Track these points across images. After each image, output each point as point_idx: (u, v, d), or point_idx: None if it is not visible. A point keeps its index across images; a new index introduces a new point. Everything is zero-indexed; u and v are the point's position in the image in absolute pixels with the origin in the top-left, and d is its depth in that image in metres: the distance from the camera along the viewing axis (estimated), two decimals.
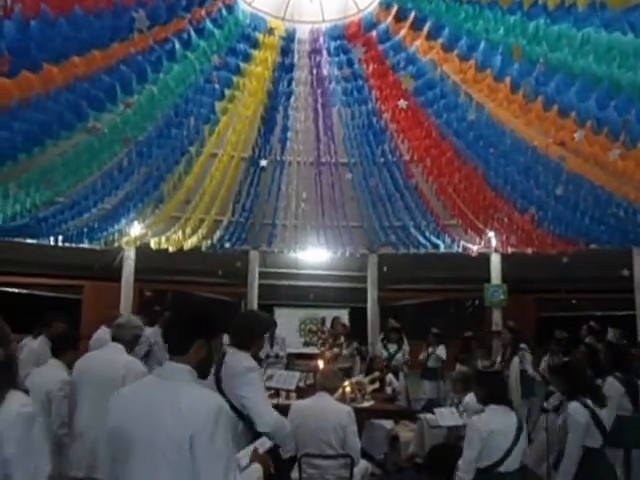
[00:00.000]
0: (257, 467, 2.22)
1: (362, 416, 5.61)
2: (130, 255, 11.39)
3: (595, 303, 13.69)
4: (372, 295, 12.91)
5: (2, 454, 2.09)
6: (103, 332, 6.25)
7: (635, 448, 4.45)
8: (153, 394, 1.96)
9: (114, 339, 3.97)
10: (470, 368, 7.41)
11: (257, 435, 2.98)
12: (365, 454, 6.07)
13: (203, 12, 6.30)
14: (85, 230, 9.26)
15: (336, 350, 7.46)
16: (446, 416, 4.91)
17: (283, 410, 4.32)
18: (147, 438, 1.87)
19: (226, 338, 3.31)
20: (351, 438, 4.27)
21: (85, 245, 10.37)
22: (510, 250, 11.11)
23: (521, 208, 8.69)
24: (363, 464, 4.61)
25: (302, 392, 5.50)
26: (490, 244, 10.94)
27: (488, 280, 11.90)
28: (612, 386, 4.48)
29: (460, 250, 11.28)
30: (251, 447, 2.40)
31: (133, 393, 2.05)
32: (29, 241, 9.86)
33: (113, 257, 12.52)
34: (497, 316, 11.74)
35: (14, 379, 2.30)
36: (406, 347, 9.28)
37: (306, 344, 8.37)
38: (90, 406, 3.59)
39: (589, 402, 3.64)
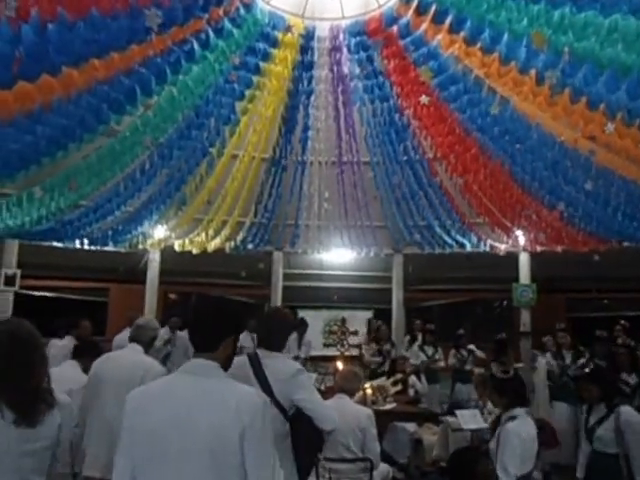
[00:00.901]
0: None
1: (384, 419, 5.50)
2: (155, 257, 11.48)
3: (628, 303, 13.23)
4: (397, 296, 12.75)
5: None
6: (127, 333, 6.30)
7: None
8: (189, 390, 1.89)
9: (133, 340, 3.95)
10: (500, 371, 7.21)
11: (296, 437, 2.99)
12: (388, 458, 5.97)
13: (221, 12, 6.28)
14: (109, 233, 9.35)
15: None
16: (468, 419, 4.75)
17: None
18: (188, 435, 1.80)
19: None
20: (371, 441, 4.17)
21: (110, 248, 10.49)
22: (539, 249, 10.81)
23: (549, 205, 8.43)
24: (384, 468, 4.51)
25: (322, 394, 5.40)
26: (518, 242, 10.67)
27: (516, 280, 11.63)
28: None
29: (487, 249, 11.03)
30: None
31: (161, 391, 1.96)
32: (56, 244, 10.01)
33: (138, 260, 12.65)
34: (526, 316, 11.46)
35: None
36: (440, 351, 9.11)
37: (326, 346, 8.25)
38: (108, 406, 3.56)
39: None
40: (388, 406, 5.71)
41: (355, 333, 6.15)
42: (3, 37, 4.42)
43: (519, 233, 10.33)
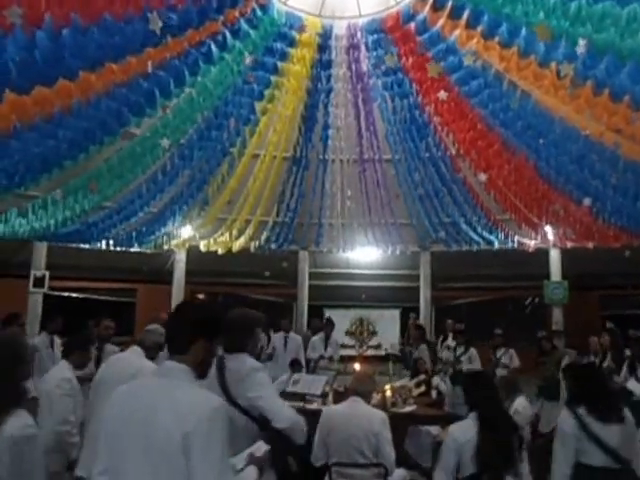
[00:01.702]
0: (252, 469, 2.21)
1: (404, 422, 5.41)
2: (181, 258, 11.63)
3: None
4: (425, 294, 12.62)
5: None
6: None
7: None
8: (150, 392, 1.95)
9: (137, 343, 3.97)
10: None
11: (270, 437, 2.96)
12: (411, 461, 5.87)
13: (237, 13, 6.28)
14: (134, 234, 9.49)
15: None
16: None
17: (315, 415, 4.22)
18: (142, 436, 1.85)
19: None
20: (384, 446, 4.07)
21: (137, 249, 10.67)
22: (570, 245, 10.52)
23: (577, 200, 8.18)
24: (400, 473, 4.41)
25: (340, 396, 5.35)
26: (547, 239, 10.40)
27: (547, 277, 11.35)
28: None
29: (515, 246, 10.80)
30: (247, 451, 2.36)
31: (131, 391, 2.03)
32: (83, 246, 10.22)
33: (165, 260, 12.82)
34: (558, 314, 11.19)
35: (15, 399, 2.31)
36: (473, 352, 8.87)
37: (343, 346, 8.18)
38: (101, 408, 3.60)
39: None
40: (408, 408, 5.60)
41: (374, 333, 6.05)
42: (18, 43, 4.52)
43: (548, 229, 10.07)
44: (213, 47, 6.36)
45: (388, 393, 5.60)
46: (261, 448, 2.33)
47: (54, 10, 4.30)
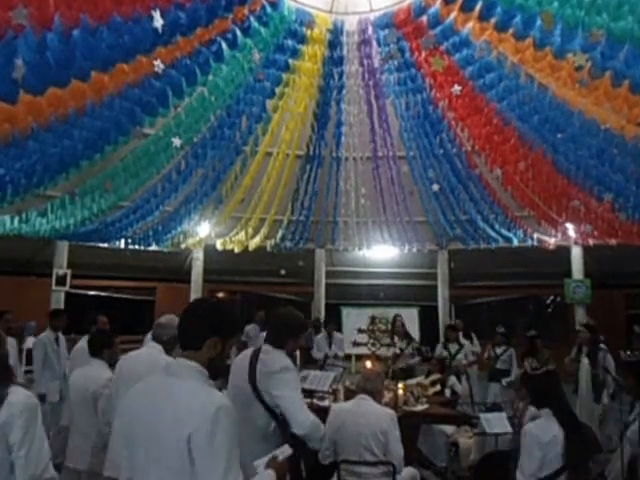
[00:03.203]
0: (270, 474, 2.13)
1: (415, 420, 5.34)
2: (199, 256, 11.70)
3: None
4: (443, 293, 12.47)
5: (10, 440, 2.37)
6: None
7: None
8: (157, 391, 1.94)
9: (153, 338, 3.97)
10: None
11: (292, 436, 2.94)
12: (426, 461, 5.80)
13: (246, 10, 6.27)
14: (151, 233, 9.57)
15: (396, 350, 7.17)
16: (493, 422, 4.53)
17: (326, 412, 4.18)
18: (149, 435, 1.85)
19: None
20: (393, 444, 4.03)
21: (155, 248, 10.77)
22: (592, 242, 10.27)
23: (598, 195, 7.97)
24: (409, 472, 4.36)
25: (352, 394, 5.30)
26: (568, 236, 10.18)
27: (569, 275, 11.11)
28: None
29: (535, 243, 10.59)
30: (270, 454, 2.30)
31: (141, 390, 2.03)
32: (103, 246, 10.36)
33: (183, 259, 12.93)
34: (581, 314, 10.93)
35: (10, 376, 2.60)
36: (475, 347, 8.83)
37: (355, 344, 8.12)
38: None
39: None
40: (420, 407, 5.53)
41: (385, 332, 5.99)
42: (30, 45, 4.57)
43: (569, 226, 9.85)
44: (224, 45, 6.37)
45: (400, 391, 5.54)
46: (285, 452, 2.25)
47: (63, 11, 4.33)
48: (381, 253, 12.42)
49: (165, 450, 1.80)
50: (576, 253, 11.00)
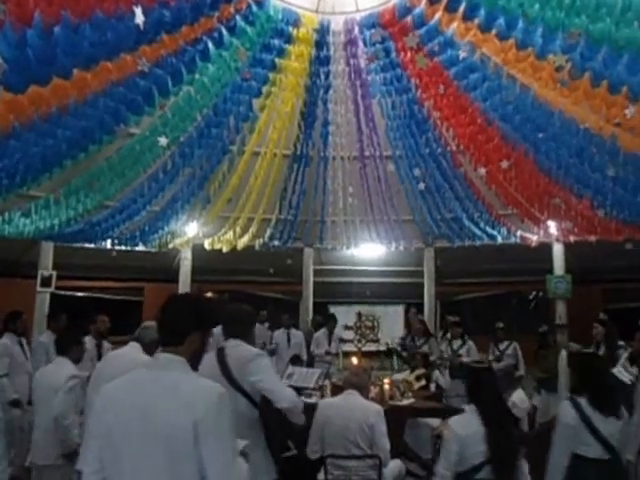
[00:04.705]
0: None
1: (401, 414, 5.43)
2: (187, 256, 11.67)
3: None
4: (429, 290, 12.61)
5: None
6: None
7: None
8: (150, 385, 1.94)
9: (136, 339, 4.01)
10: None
11: (267, 425, 3.09)
12: (410, 454, 5.88)
13: (232, 9, 6.29)
14: (137, 233, 9.54)
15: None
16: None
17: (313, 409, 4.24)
18: (145, 429, 1.85)
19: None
20: (379, 438, 4.12)
21: (142, 248, 10.72)
22: (573, 239, 10.46)
23: (578, 193, 8.12)
24: (395, 465, 4.44)
25: (338, 390, 5.37)
26: (550, 233, 10.36)
27: (551, 271, 11.30)
28: None
29: (518, 241, 10.76)
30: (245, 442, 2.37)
31: (125, 385, 2.03)
32: (90, 246, 10.28)
33: (171, 259, 12.89)
34: (561, 309, 11.12)
35: None
36: (471, 344, 8.89)
37: (342, 341, 8.19)
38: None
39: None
40: (405, 401, 5.62)
41: (372, 328, 6.04)
42: (9, 41, 4.54)
43: (551, 223, 10.03)
44: (210, 44, 6.38)
45: (386, 386, 5.63)
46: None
47: (43, 7, 4.30)
48: (369, 251, 12.52)
49: (166, 438, 1.81)
50: (557, 250, 11.17)
